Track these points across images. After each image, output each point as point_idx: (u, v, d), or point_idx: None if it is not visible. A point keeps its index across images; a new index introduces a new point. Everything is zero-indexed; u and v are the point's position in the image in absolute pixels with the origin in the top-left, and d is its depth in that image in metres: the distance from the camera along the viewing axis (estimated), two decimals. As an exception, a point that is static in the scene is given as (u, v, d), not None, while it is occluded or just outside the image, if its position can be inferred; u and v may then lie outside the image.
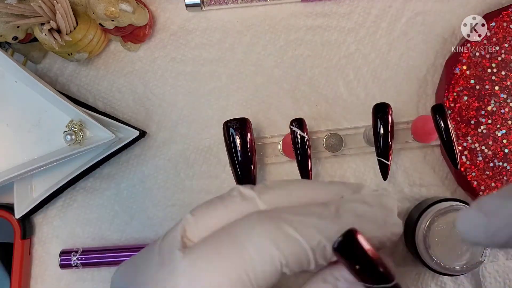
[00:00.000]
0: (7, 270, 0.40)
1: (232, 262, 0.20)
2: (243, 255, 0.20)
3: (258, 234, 0.21)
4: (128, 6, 0.37)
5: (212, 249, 0.21)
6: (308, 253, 0.21)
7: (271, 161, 0.41)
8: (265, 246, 0.20)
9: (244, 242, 0.21)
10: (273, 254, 0.20)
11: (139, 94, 0.42)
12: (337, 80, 0.42)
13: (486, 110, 0.39)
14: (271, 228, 0.21)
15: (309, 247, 0.21)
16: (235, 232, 0.21)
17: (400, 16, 0.42)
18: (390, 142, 0.36)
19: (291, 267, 0.21)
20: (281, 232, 0.21)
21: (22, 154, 0.38)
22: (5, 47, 0.41)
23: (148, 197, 0.41)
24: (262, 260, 0.20)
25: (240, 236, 0.21)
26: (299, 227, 0.21)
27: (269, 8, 0.43)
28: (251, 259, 0.20)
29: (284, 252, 0.20)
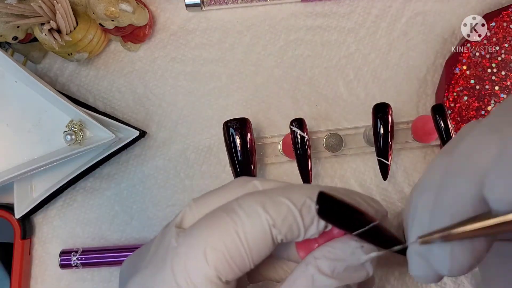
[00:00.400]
0: (7, 270, 0.40)
1: (223, 228, 0.21)
2: (234, 218, 0.22)
3: (248, 202, 0.22)
4: (128, 6, 0.37)
5: (206, 221, 0.22)
6: (295, 214, 0.22)
7: (271, 161, 0.41)
8: (254, 209, 0.22)
9: (236, 209, 0.22)
10: (261, 216, 0.21)
11: (139, 94, 0.42)
12: (337, 80, 0.42)
13: (486, 110, 0.39)
14: (261, 197, 0.22)
15: (294, 206, 0.22)
16: (228, 205, 0.23)
17: (400, 16, 0.42)
18: (390, 142, 0.36)
19: (280, 229, 0.22)
20: (269, 198, 0.22)
21: (22, 154, 0.38)
22: (5, 47, 0.41)
23: (148, 197, 0.41)
24: (250, 221, 0.21)
25: (233, 206, 0.22)
26: (286, 193, 0.22)
27: (269, 8, 0.43)
28: (242, 221, 0.21)
29: (271, 213, 0.22)
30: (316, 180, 0.41)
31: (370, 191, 0.41)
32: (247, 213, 0.22)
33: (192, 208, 0.24)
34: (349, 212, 0.21)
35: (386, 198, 0.41)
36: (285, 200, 0.22)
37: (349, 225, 0.21)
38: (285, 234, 0.22)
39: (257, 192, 0.23)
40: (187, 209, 0.24)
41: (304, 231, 0.22)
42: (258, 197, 0.22)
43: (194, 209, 0.24)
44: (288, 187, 0.24)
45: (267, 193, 0.23)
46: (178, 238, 0.22)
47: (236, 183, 0.25)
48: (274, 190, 0.23)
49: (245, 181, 0.25)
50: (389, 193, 0.41)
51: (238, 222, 0.21)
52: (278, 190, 0.23)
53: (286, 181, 0.41)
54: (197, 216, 0.24)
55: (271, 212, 0.22)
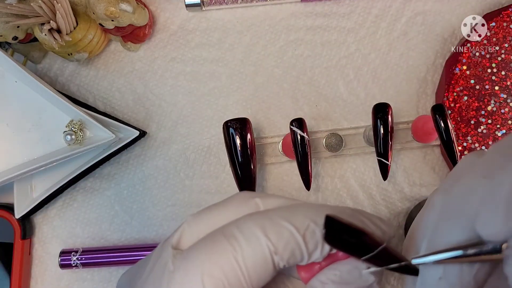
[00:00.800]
0: (7, 270, 0.40)
1: (221, 253, 0.20)
2: (233, 244, 0.21)
3: (248, 225, 0.21)
4: (128, 6, 0.37)
5: (204, 245, 0.21)
6: (297, 239, 0.21)
7: (271, 161, 0.41)
8: (254, 233, 0.21)
9: (235, 233, 0.21)
10: (261, 241, 0.20)
11: (139, 94, 0.42)
12: (337, 80, 0.42)
13: (486, 110, 0.39)
14: (262, 219, 0.21)
15: (297, 231, 0.21)
16: (227, 228, 0.22)
17: (400, 16, 0.42)
18: (390, 142, 0.36)
19: (282, 255, 0.21)
20: (270, 222, 0.21)
21: (22, 154, 0.38)
22: (5, 47, 0.41)
23: (148, 197, 0.41)
24: (251, 248, 0.20)
25: (232, 230, 0.21)
26: (288, 216, 0.21)
27: (269, 8, 0.43)
28: (241, 247, 0.20)
29: (272, 239, 0.20)
30: (316, 180, 0.41)
31: (370, 191, 0.41)
32: (247, 238, 0.21)
33: (191, 225, 0.23)
34: (357, 237, 0.20)
35: (386, 198, 0.41)
36: (288, 224, 0.21)
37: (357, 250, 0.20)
38: (287, 260, 0.21)
39: (259, 213, 0.22)
40: (185, 226, 0.23)
41: (308, 257, 0.21)
42: (259, 220, 0.21)
43: (192, 227, 0.23)
44: (292, 208, 0.22)
45: (268, 215, 0.21)
46: (175, 261, 0.21)
47: (237, 200, 0.24)
48: (277, 212, 0.22)
49: (246, 198, 0.24)
50: (389, 193, 0.41)
51: (237, 248, 0.20)
52: (280, 212, 0.22)
53: (286, 181, 0.41)
54: (196, 234, 0.23)
55: (272, 238, 0.20)
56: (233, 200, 0.24)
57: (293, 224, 0.21)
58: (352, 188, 0.41)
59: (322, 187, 0.41)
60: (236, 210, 0.23)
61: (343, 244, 0.20)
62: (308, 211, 0.22)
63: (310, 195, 0.41)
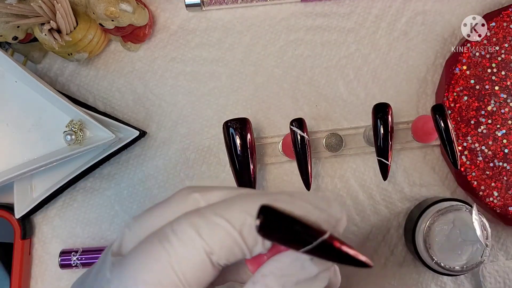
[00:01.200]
0: (7, 270, 0.39)
1: (156, 259, 0.20)
2: (167, 248, 0.20)
3: (182, 227, 0.20)
4: (128, 6, 0.37)
5: (140, 251, 0.20)
6: (234, 236, 0.20)
7: (271, 161, 0.41)
8: (188, 235, 0.20)
9: (170, 236, 0.20)
10: (196, 243, 0.19)
11: (139, 94, 0.42)
12: (337, 80, 0.42)
13: (486, 110, 0.39)
14: (195, 218, 0.20)
15: (232, 228, 0.19)
16: (162, 230, 0.21)
17: (400, 16, 0.42)
18: (390, 142, 0.36)
19: (219, 255, 0.20)
20: (204, 220, 0.20)
21: (22, 154, 0.38)
22: (5, 47, 0.41)
23: (148, 197, 0.41)
24: (186, 252, 0.19)
25: (167, 233, 0.20)
26: (223, 212, 0.20)
27: (269, 8, 0.43)
28: (175, 252, 0.19)
29: (207, 239, 0.19)
30: (316, 180, 0.41)
31: (370, 191, 0.41)
32: (181, 240, 0.19)
33: (131, 228, 0.22)
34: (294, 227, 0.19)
35: (386, 198, 0.41)
36: (222, 221, 0.20)
37: (295, 241, 0.19)
38: (226, 258, 0.20)
39: (194, 211, 0.21)
40: (126, 231, 0.22)
41: (249, 252, 0.20)
42: (193, 218, 0.20)
43: (133, 230, 0.22)
44: (228, 201, 0.21)
45: (203, 213, 0.20)
46: (113, 269, 0.20)
47: (176, 197, 0.23)
48: (211, 208, 0.21)
49: (186, 195, 0.22)
50: (389, 193, 0.41)
51: (171, 252, 0.19)
52: (215, 208, 0.20)
53: (286, 181, 0.41)
54: (137, 238, 0.22)
55: (207, 238, 0.19)
56: (173, 198, 0.23)
57: (228, 221, 0.20)
58: (352, 188, 0.41)
59: (322, 187, 0.41)
60: (176, 208, 0.22)
61: (279, 236, 0.19)
62: (245, 203, 0.20)
63: (310, 195, 0.41)
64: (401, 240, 0.41)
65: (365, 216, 0.41)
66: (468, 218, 0.35)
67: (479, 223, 0.34)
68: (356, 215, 0.41)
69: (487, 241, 0.35)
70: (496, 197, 0.39)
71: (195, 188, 0.23)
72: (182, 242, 0.19)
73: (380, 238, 0.41)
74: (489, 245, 0.35)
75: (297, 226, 0.19)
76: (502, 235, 0.41)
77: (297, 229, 0.19)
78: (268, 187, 0.41)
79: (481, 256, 0.35)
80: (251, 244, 0.20)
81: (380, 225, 0.41)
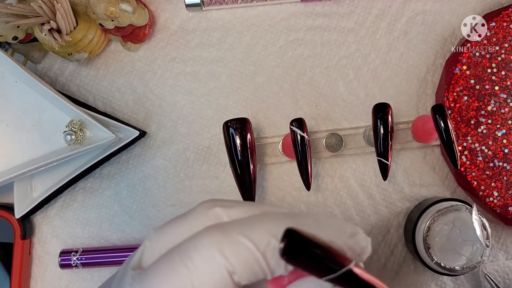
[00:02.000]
0: (7, 270, 0.39)
1: (178, 276, 0.20)
2: (189, 266, 0.20)
3: (204, 244, 0.20)
4: (128, 6, 0.37)
5: (160, 267, 0.20)
6: (257, 257, 0.19)
7: (271, 161, 0.41)
8: (210, 254, 0.20)
9: (191, 253, 0.20)
10: (218, 261, 0.19)
11: (139, 94, 0.42)
12: (337, 80, 0.42)
13: (486, 110, 0.39)
14: (218, 236, 0.20)
15: (256, 249, 0.19)
16: (184, 246, 0.21)
17: (400, 16, 0.42)
18: (390, 142, 0.36)
19: (241, 275, 0.20)
20: (227, 239, 0.20)
21: (22, 154, 0.38)
22: (5, 47, 0.41)
23: (148, 197, 0.41)
24: (207, 269, 0.19)
25: (188, 249, 0.20)
26: (247, 232, 0.20)
27: (269, 8, 0.43)
28: (196, 269, 0.19)
29: (230, 259, 0.19)
30: (316, 180, 0.41)
31: (370, 191, 0.41)
32: (203, 258, 0.19)
33: (152, 241, 0.22)
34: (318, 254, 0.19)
35: (386, 198, 0.41)
36: (246, 241, 0.19)
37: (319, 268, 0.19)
38: (247, 278, 0.20)
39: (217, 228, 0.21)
40: (146, 243, 0.22)
41: (270, 274, 0.20)
42: (216, 236, 0.20)
43: (154, 243, 0.22)
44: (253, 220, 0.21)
45: (226, 231, 0.20)
46: (133, 284, 0.20)
47: (198, 211, 0.23)
48: (235, 226, 0.20)
49: (207, 208, 0.22)
50: (389, 193, 0.41)
51: (193, 270, 0.19)
52: (239, 226, 0.20)
53: (286, 181, 0.41)
54: (158, 251, 0.22)
55: (230, 258, 0.19)
56: (194, 211, 0.23)
57: (252, 241, 0.19)
58: (352, 188, 0.41)
59: (322, 187, 0.41)
60: (197, 222, 0.22)
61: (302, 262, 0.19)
62: (270, 223, 0.20)
63: (310, 195, 0.41)
64: (401, 240, 0.41)
65: (365, 216, 0.41)
66: (468, 218, 0.35)
67: (479, 223, 0.34)
68: (356, 215, 0.41)
69: (487, 241, 0.35)
70: (496, 197, 0.39)
71: (217, 202, 0.22)
72: (204, 260, 0.19)
73: (380, 238, 0.41)
74: (489, 245, 0.35)
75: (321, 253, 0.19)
76: (502, 235, 0.41)
77: (321, 256, 0.19)
78: (268, 187, 0.41)
79: (481, 256, 0.36)
80: (273, 266, 0.20)
81: (380, 225, 0.41)
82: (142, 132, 0.41)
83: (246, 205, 0.22)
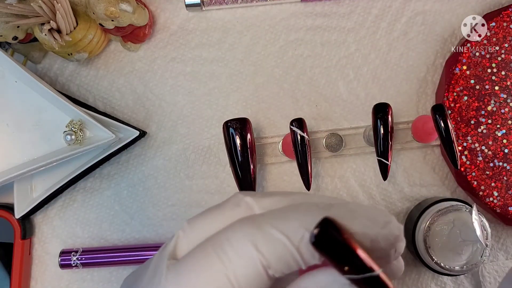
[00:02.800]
0: (7, 270, 0.39)
1: (212, 269, 0.20)
2: (223, 260, 0.20)
3: (238, 237, 0.20)
4: (128, 6, 0.37)
5: (195, 260, 0.21)
6: (291, 251, 0.19)
7: (271, 161, 0.41)
8: (244, 248, 0.20)
9: (225, 247, 0.20)
10: (252, 255, 0.19)
11: (139, 94, 0.42)
12: (337, 80, 0.42)
13: (486, 110, 0.39)
14: (252, 229, 0.20)
15: (290, 243, 0.19)
16: (218, 238, 0.21)
17: (400, 16, 0.42)
18: (390, 142, 0.36)
19: (275, 268, 0.20)
20: (260, 232, 0.20)
21: (22, 154, 0.38)
22: (5, 47, 0.41)
23: (148, 197, 0.41)
24: (242, 263, 0.20)
25: (222, 242, 0.20)
26: (281, 225, 0.20)
27: (269, 8, 0.43)
28: (231, 263, 0.20)
29: (264, 253, 0.19)
30: (316, 180, 0.41)
31: (370, 191, 0.41)
32: (237, 252, 0.20)
33: (186, 231, 0.22)
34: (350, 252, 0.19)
35: (386, 198, 0.41)
36: (280, 235, 0.19)
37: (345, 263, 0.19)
38: (282, 271, 0.20)
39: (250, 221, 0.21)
40: (180, 234, 0.22)
41: (304, 265, 0.20)
42: (249, 229, 0.20)
43: (188, 234, 0.22)
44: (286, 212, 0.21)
45: (260, 225, 0.20)
46: (168, 274, 0.21)
47: (230, 202, 0.23)
48: (269, 219, 0.20)
49: (238, 200, 0.23)
50: (389, 193, 0.41)
51: (227, 264, 0.19)
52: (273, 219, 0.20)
53: (286, 181, 0.41)
54: (192, 241, 0.22)
55: (265, 252, 0.19)
56: (226, 203, 0.23)
57: (286, 235, 0.20)
58: (352, 188, 0.41)
59: (322, 187, 0.41)
60: (229, 213, 0.22)
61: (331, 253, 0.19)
62: (304, 216, 0.20)
63: (310, 195, 0.41)
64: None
65: (365, 216, 0.41)
66: (468, 218, 0.35)
67: (479, 223, 0.34)
68: (356, 215, 0.41)
69: (487, 241, 0.35)
70: (496, 197, 0.39)
71: (247, 194, 0.23)
72: (238, 254, 0.20)
73: (380, 238, 0.41)
74: (489, 245, 0.35)
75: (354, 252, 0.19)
76: (502, 235, 0.41)
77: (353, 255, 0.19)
78: (268, 187, 0.41)
79: (481, 256, 0.36)
80: (307, 259, 0.20)
81: (380, 225, 0.41)
82: (142, 132, 0.41)
83: (276, 195, 0.22)
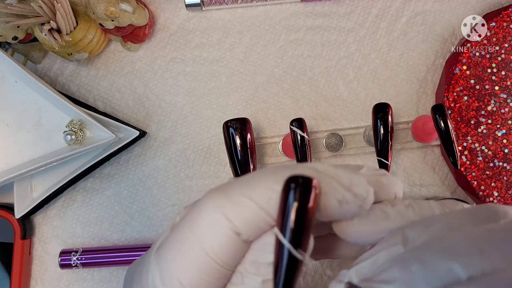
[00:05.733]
0: (7, 270, 0.40)
1: (189, 245, 0.20)
2: (196, 233, 0.20)
3: (208, 210, 0.20)
4: (128, 6, 0.37)
5: (173, 240, 0.21)
6: (259, 214, 0.19)
7: (271, 161, 0.41)
8: (214, 218, 0.20)
9: (197, 221, 0.20)
10: (223, 224, 0.20)
11: (139, 94, 0.42)
12: (337, 80, 0.42)
13: (486, 110, 0.39)
14: (220, 199, 0.20)
15: (258, 207, 0.19)
16: (190, 214, 0.21)
17: (400, 16, 0.42)
18: (390, 142, 0.36)
19: (248, 233, 0.20)
20: (228, 201, 0.20)
21: (22, 154, 0.38)
22: (5, 47, 0.41)
23: (148, 197, 0.41)
24: (214, 234, 0.20)
25: (194, 217, 0.21)
26: (247, 191, 0.20)
27: (269, 8, 0.43)
28: (205, 236, 0.20)
29: (233, 220, 0.20)
30: (316, 180, 0.41)
31: (370, 191, 0.41)
32: (208, 223, 0.20)
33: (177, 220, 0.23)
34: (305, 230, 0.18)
35: (386, 198, 0.41)
36: (247, 200, 0.19)
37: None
38: (255, 234, 0.20)
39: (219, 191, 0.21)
40: (177, 219, 0.23)
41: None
42: (218, 200, 0.20)
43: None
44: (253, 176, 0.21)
45: (227, 193, 0.20)
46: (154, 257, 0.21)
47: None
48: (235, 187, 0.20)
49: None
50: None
51: (201, 237, 0.20)
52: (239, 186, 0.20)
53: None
54: None
55: (233, 219, 0.19)
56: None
57: (253, 199, 0.19)
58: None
59: (322, 187, 0.41)
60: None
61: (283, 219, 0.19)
62: (270, 178, 0.20)
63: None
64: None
65: (365, 216, 0.41)
66: (468, 218, 0.35)
67: (479, 223, 0.34)
68: (356, 215, 0.41)
69: (487, 241, 0.35)
70: (496, 197, 0.39)
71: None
72: (209, 225, 0.20)
73: (380, 238, 0.41)
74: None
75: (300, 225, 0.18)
76: (502, 235, 0.41)
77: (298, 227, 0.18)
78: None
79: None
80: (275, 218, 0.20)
81: (380, 225, 0.41)
82: (142, 132, 0.41)
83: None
